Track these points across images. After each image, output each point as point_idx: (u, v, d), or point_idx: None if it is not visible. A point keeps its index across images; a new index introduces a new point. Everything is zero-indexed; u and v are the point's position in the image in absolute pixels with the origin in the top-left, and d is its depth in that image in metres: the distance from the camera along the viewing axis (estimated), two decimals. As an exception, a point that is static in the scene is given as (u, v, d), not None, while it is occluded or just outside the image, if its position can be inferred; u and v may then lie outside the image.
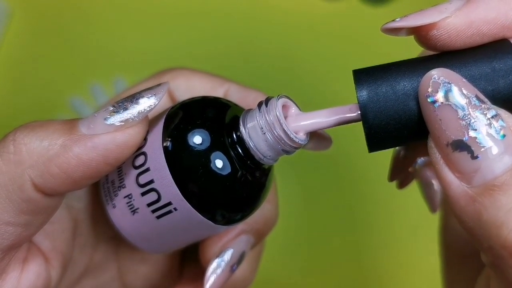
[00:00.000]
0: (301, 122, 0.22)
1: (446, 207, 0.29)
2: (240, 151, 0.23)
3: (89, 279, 0.28)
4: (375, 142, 0.21)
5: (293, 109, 0.23)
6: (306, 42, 0.53)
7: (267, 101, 0.22)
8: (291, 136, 0.22)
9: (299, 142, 0.22)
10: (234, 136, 0.23)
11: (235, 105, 0.25)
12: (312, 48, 0.53)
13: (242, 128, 0.22)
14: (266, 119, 0.22)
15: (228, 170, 0.22)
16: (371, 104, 0.20)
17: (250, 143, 0.22)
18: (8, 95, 0.52)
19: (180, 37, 0.53)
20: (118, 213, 0.24)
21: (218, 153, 0.22)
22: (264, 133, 0.22)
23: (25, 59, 0.53)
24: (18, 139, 0.21)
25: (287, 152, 0.23)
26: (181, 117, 0.23)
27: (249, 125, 0.22)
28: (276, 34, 0.53)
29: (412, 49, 0.24)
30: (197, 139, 0.22)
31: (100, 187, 0.25)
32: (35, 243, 0.24)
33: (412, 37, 0.21)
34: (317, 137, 0.25)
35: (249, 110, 0.23)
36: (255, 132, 0.22)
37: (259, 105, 0.22)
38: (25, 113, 0.50)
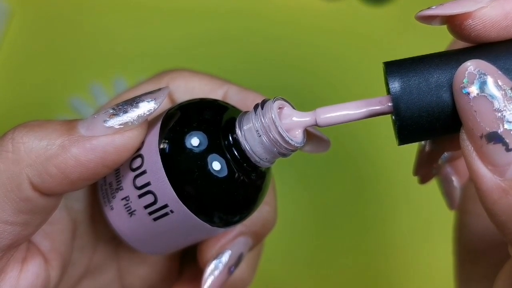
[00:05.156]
0: (329, 114, 0.22)
1: (463, 204, 0.29)
2: (236, 154, 0.22)
3: (89, 280, 0.28)
4: (406, 135, 0.20)
5: (289, 111, 0.22)
6: (306, 42, 0.53)
7: (263, 103, 0.22)
8: (287, 138, 0.22)
9: (295, 144, 0.22)
10: (230, 138, 0.22)
11: (233, 107, 0.24)
12: (311, 48, 0.53)
13: (238, 131, 0.22)
14: (262, 122, 0.22)
15: (224, 172, 0.22)
16: (404, 96, 0.20)
17: (246, 146, 0.22)
18: (8, 95, 0.52)
19: (180, 37, 0.53)
20: (115, 215, 0.24)
21: (214, 155, 0.22)
22: (260, 136, 0.22)
23: (25, 59, 0.53)
24: (16, 138, 0.21)
25: (284, 155, 0.22)
26: (178, 119, 0.23)
27: (245, 127, 0.22)
28: (275, 34, 0.53)
29: (414, 49, 0.24)
30: (193, 142, 0.22)
31: (98, 188, 0.25)
32: (35, 243, 0.24)
33: (412, 38, 0.21)
34: (315, 139, 0.24)
35: (246, 112, 0.23)
36: (251, 135, 0.22)
37: (255, 107, 0.22)
38: (25, 113, 0.50)
